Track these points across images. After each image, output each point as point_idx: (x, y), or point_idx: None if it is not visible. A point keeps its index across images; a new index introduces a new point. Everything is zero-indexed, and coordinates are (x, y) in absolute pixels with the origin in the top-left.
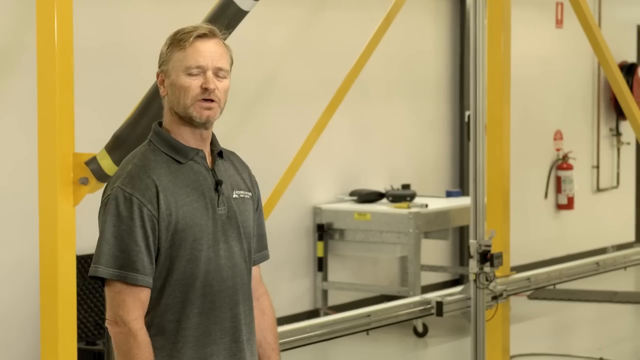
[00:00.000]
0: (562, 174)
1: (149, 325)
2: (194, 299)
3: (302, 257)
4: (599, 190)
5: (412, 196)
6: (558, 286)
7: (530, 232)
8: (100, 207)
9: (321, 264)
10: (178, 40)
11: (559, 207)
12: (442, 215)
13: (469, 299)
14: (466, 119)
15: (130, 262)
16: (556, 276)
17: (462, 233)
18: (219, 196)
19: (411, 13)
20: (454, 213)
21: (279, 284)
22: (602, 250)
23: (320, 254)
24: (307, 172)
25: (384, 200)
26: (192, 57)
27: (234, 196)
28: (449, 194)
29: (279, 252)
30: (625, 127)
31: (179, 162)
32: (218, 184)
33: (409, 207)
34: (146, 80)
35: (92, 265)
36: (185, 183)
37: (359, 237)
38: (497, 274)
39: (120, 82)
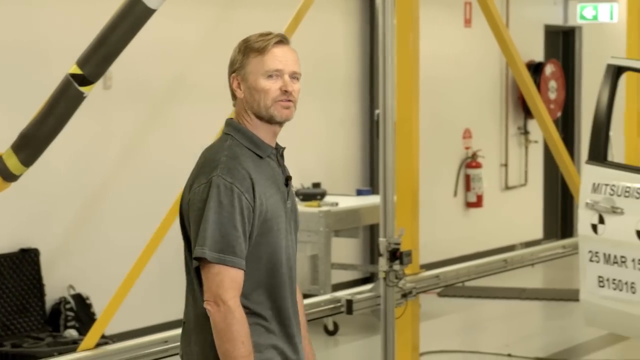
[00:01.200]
0: (471, 172)
1: (242, 305)
2: (276, 283)
3: None
4: (507, 188)
5: (323, 195)
6: (467, 283)
7: (440, 230)
8: (194, 195)
9: None
10: (256, 47)
11: (468, 205)
12: (353, 213)
13: (379, 296)
14: (376, 118)
15: (230, 247)
16: (465, 273)
17: (372, 231)
18: (287, 191)
19: (321, 12)
20: (364, 211)
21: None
22: (511, 248)
23: None
24: None
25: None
26: (271, 62)
27: (294, 191)
28: (360, 193)
29: (169, 254)
30: (533, 125)
31: (260, 157)
32: (288, 179)
33: (319, 206)
34: (55, 77)
35: (198, 247)
36: (267, 176)
37: None
38: (407, 271)
39: (28, 79)
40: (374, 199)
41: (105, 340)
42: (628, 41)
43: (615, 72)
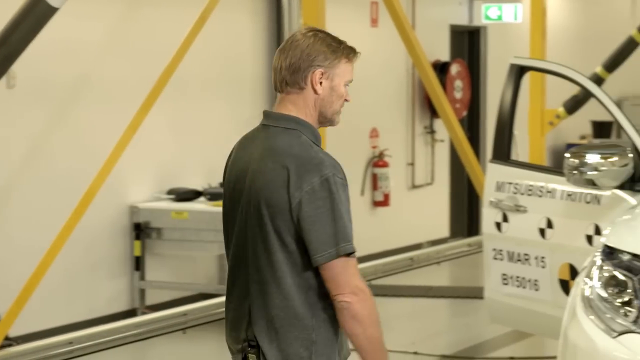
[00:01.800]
0: (378, 171)
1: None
2: None
3: (119, 256)
4: (414, 187)
5: None
6: (374, 282)
7: None
8: (311, 193)
9: (138, 263)
10: (347, 54)
11: (375, 203)
12: None
13: None
14: None
15: (351, 238)
16: (372, 272)
17: None
18: None
19: (227, 12)
20: None
21: (95, 284)
22: (418, 246)
23: (137, 253)
24: (123, 171)
25: (202, 198)
26: (352, 72)
27: None
28: None
29: (95, 251)
30: (439, 124)
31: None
32: None
33: None
34: None
35: (343, 244)
36: None
37: (176, 236)
38: None
39: None
40: None
41: (9, 342)
42: (531, 41)
43: (518, 72)
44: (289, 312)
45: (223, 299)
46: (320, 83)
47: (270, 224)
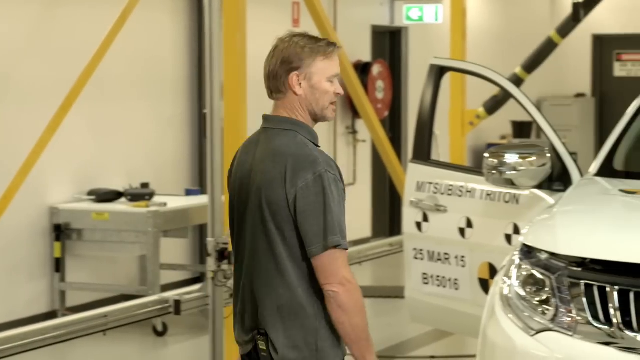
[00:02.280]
0: None
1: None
2: None
3: (39, 258)
4: None
5: (151, 195)
6: None
7: None
8: (305, 189)
9: (58, 265)
10: (323, 52)
11: None
12: (181, 213)
13: (207, 296)
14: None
15: (344, 232)
16: None
17: (202, 231)
18: None
19: (148, 11)
20: (193, 211)
21: (15, 286)
22: None
23: (57, 254)
24: (43, 172)
25: (123, 199)
26: (334, 67)
27: None
28: (189, 193)
29: (14, 253)
30: (361, 125)
31: (318, 147)
32: None
33: (147, 206)
34: None
35: (331, 237)
36: None
37: (97, 237)
38: None
39: None
40: (203, 199)
41: None
42: (452, 42)
43: (438, 72)
44: (293, 301)
45: (144, 300)
46: (300, 85)
47: (272, 220)
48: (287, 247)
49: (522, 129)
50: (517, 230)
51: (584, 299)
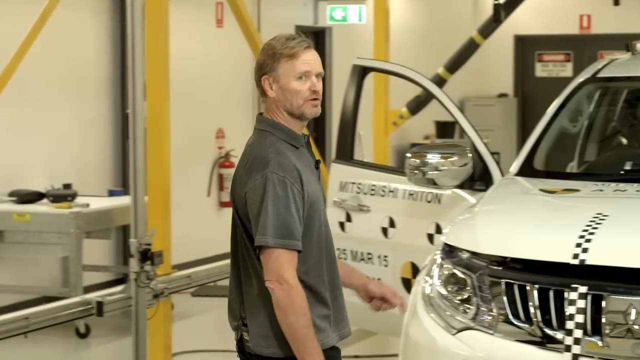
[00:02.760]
0: (225, 172)
1: (305, 280)
2: (324, 257)
3: None
4: None
5: (74, 196)
6: (220, 282)
7: (194, 229)
8: (252, 189)
9: None
10: (287, 53)
11: (222, 204)
12: (104, 214)
13: (130, 298)
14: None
15: (289, 232)
16: (217, 273)
17: (125, 232)
18: (318, 173)
19: (70, 10)
20: (116, 212)
21: None
22: None
23: None
24: None
25: (45, 200)
26: (301, 65)
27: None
28: (112, 193)
29: None
30: None
31: (296, 148)
32: (318, 163)
33: (70, 207)
34: None
35: (259, 236)
36: (305, 164)
37: (19, 238)
38: (158, 272)
39: None
40: (126, 200)
41: None
42: (375, 42)
43: (361, 73)
44: (260, 292)
45: (66, 301)
46: (272, 88)
47: (237, 215)
48: (250, 240)
49: (446, 129)
50: (439, 230)
51: (505, 298)
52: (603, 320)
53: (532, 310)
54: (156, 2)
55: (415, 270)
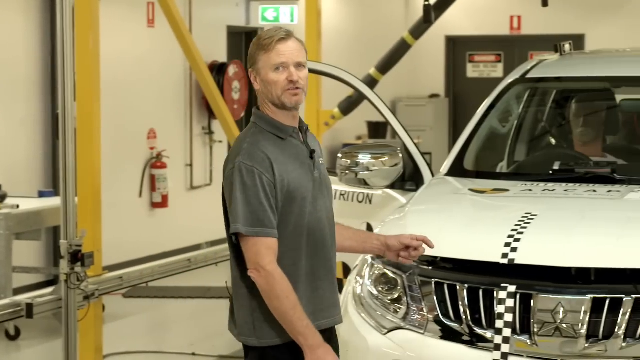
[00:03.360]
0: (156, 172)
1: None
2: (303, 245)
3: None
4: (192, 188)
5: (3, 197)
6: (153, 284)
7: (125, 230)
8: (225, 179)
9: None
10: (263, 45)
11: (154, 205)
12: (34, 215)
13: (61, 299)
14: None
15: (260, 220)
16: (149, 274)
17: (55, 233)
18: (313, 163)
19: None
20: (46, 213)
21: None
22: (197, 247)
23: None
24: None
25: None
26: (276, 57)
27: (320, 162)
28: (42, 194)
29: None
30: (218, 125)
31: (282, 139)
32: (312, 152)
33: None
34: None
35: (232, 224)
36: (289, 154)
37: None
38: (89, 273)
39: None
40: (56, 201)
41: None
42: (307, 42)
43: None
44: (235, 284)
45: None
46: (256, 80)
47: (224, 207)
48: (228, 229)
49: (378, 129)
50: (370, 230)
51: (435, 297)
52: (532, 319)
53: (462, 309)
54: (86, 1)
55: (347, 270)
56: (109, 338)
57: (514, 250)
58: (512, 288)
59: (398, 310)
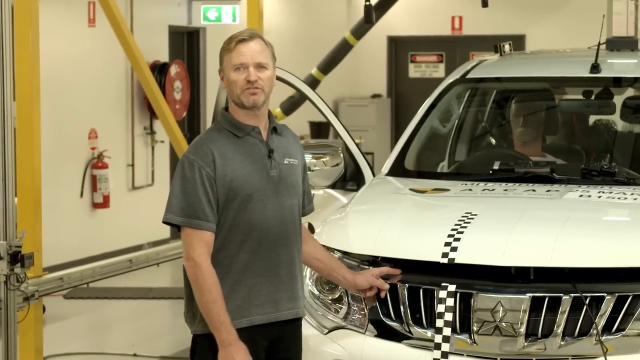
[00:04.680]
0: (98, 172)
1: (212, 260)
2: (244, 240)
3: None
4: (134, 188)
5: None
6: (94, 284)
7: (66, 231)
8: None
9: None
10: (225, 47)
11: (95, 205)
12: None
13: (0, 300)
14: None
15: (194, 212)
16: (90, 275)
17: None
18: (271, 162)
19: None
20: None
21: None
22: (139, 248)
23: None
24: None
25: None
26: (235, 57)
27: (285, 162)
28: None
29: None
30: (159, 125)
31: (238, 137)
32: (270, 152)
33: None
34: None
35: (165, 213)
36: (241, 152)
37: None
38: (29, 274)
39: None
40: None
41: None
42: None
43: None
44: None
45: None
46: (223, 80)
47: None
48: None
49: (320, 129)
50: (311, 230)
51: (375, 297)
52: (472, 318)
53: (402, 309)
54: (26, 0)
55: None
56: (50, 339)
57: (454, 249)
58: (452, 287)
59: (339, 310)
